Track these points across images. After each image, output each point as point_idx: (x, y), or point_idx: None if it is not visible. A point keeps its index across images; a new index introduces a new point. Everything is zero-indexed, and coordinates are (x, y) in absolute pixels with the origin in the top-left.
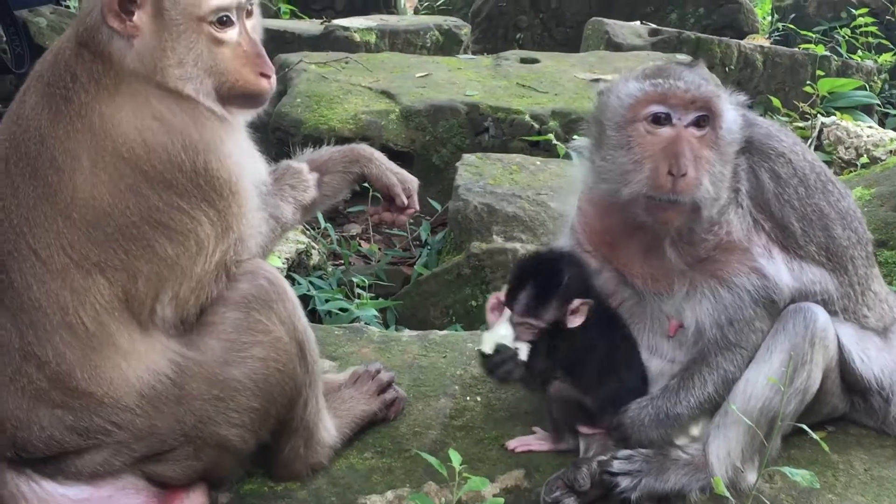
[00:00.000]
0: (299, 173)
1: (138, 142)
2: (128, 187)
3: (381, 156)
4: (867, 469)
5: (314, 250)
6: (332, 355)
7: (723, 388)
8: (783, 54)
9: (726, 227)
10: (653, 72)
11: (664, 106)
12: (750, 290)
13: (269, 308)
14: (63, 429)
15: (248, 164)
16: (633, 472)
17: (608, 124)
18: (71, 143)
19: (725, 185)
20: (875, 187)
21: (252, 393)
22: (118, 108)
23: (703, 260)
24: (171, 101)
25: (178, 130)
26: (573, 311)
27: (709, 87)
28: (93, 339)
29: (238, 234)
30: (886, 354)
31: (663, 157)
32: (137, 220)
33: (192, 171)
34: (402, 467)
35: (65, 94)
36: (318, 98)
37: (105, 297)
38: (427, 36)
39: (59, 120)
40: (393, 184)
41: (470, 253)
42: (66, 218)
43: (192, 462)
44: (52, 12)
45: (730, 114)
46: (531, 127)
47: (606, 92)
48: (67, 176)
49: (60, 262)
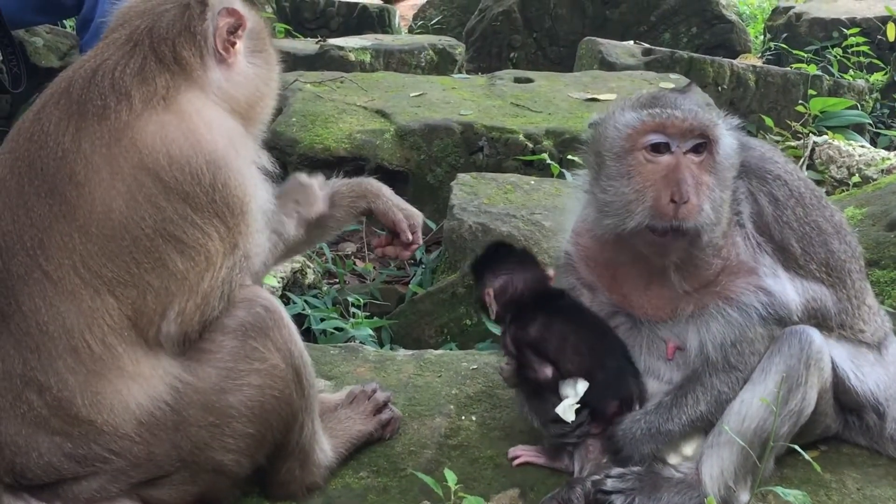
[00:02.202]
0: (309, 188)
1: (163, 152)
2: (145, 198)
3: (388, 191)
4: (860, 488)
5: (309, 269)
6: (327, 375)
7: (716, 407)
8: (775, 74)
9: (733, 249)
10: (648, 101)
11: (662, 135)
12: (758, 308)
13: (265, 336)
14: (61, 456)
15: (259, 190)
16: (627, 490)
17: (607, 155)
18: (95, 157)
19: (726, 209)
20: (866, 207)
21: (248, 419)
22: (154, 123)
23: (709, 283)
24: (219, 120)
25: (205, 146)
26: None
27: (705, 115)
28: (97, 363)
29: (244, 251)
30: (881, 369)
31: (665, 185)
32: (151, 232)
33: (211, 187)
34: (397, 486)
35: (101, 112)
36: (314, 117)
37: (114, 317)
38: (422, 55)
39: (86, 136)
40: (399, 220)
41: (465, 272)
42: (83, 234)
43: (188, 486)
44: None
45: (726, 139)
46: (525, 146)
47: (602, 122)
48: (87, 190)
49: (71, 283)
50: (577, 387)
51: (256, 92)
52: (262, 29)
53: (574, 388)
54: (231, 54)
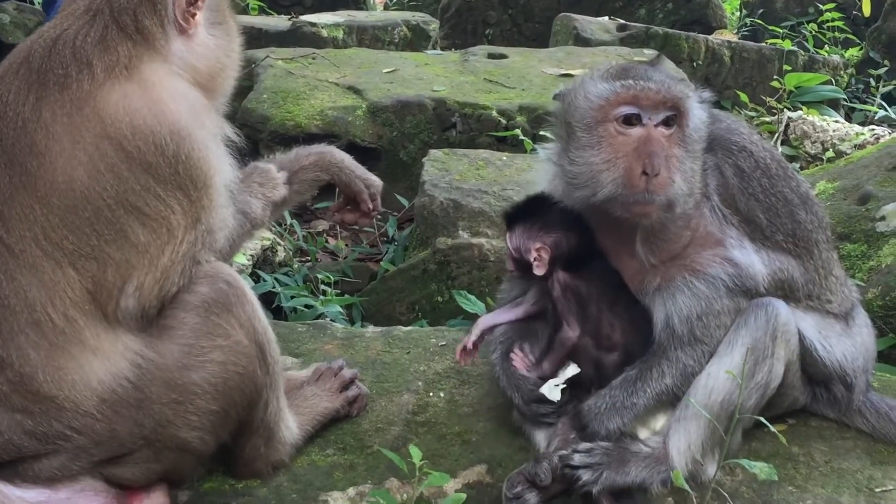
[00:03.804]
0: (267, 171)
1: (126, 122)
2: (107, 167)
3: (349, 161)
4: (827, 461)
5: (280, 247)
6: (295, 352)
7: (681, 381)
8: (750, 49)
9: (701, 221)
10: (620, 72)
11: (635, 107)
12: (725, 279)
13: (228, 312)
14: (22, 434)
15: (223, 164)
16: (594, 465)
17: (577, 125)
18: (56, 126)
19: (696, 180)
20: (838, 181)
21: (212, 396)
22: (116, 93)
23: (676, 256)
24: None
25: (169, 117)
26: (534, 257)
27: (678, 87)
28: (60, 337)
29: (206, 225)
30: (848, 340)
31: (636, 157)
32: (113, 202)
33: (174, 158)
34: (364, 464)
35: (62, 81)
36: (285, 94)
37: (75, 290)
38: (395, 32)
39: (46, 105)
40: (360, 190)
41: (436, 248)
42: (45, 205)
43: (152, 464)
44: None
45: (696, 112)
46: (498, 122)
47: (573, 92)
48: (48, 160)
49: (32, 255)
50: (566, 369)
51: (217, 63)
52: (222, 0)
53: (562, 369)
54: (191, 25)
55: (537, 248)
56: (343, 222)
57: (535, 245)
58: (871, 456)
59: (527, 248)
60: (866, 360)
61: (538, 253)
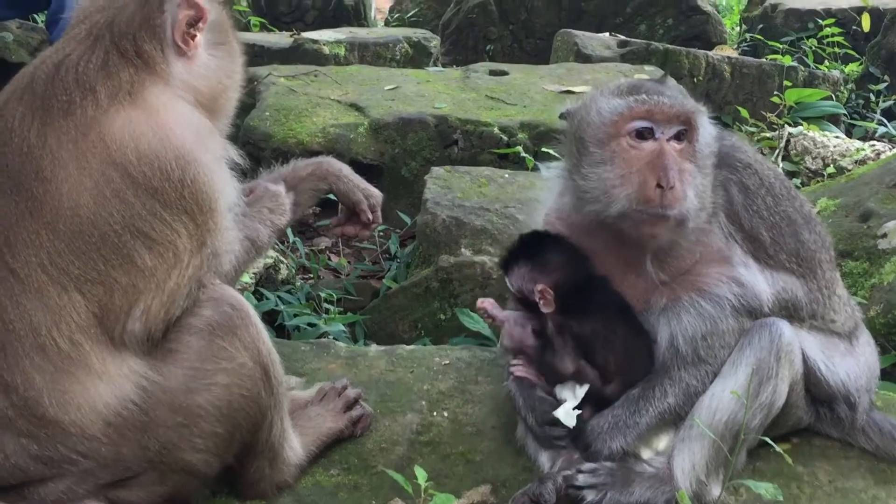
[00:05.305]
0: (277, 196)
1: (131, 147)
2: (113, 193)
3: (348, 171)
4: (831, 480)
5: (283, 264)
6: (298, 371)
7: (685, 400)
8: (751, 65)
9: (711, 237)
10: (632, 88)
11: (648, 121)
12: (731, 299)
13: (232, 335)
14: (28, 458)
15: (227, 187)
16: (599, 485)
17: (590, 141)
18: (62, 152)
19: (708, 196)
20: (840, 198)
21: (216, 419)
22: (122, 118)
23: (684, 273)
24: (187, 115)
25: (174, 142)
26: (539, 297)
27: (690, 102)
28: (65, 361)
29: (212, 249)
30: (851, 359)
31: (650, 171)
32: (119, 227)
33: (180, 182)
34: (368, 484)
35: (66, 107)
36: (287, 111)
37: (81, 314)
38: (397, 48)
39: (51, 132)
40: (359, 200)
41: (438, 266)
42: (51, 230)
43: (157, 487)
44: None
45: (707, 127)
46: (500, 139)
47: (584, 108)
48: (54, 186)
49: (38, 279)
50: (576, 391)
51: (219, 84)
52: (224, 20)
53: (573, 391)
54: (191, 47)
55: (540, 290)
56: (344, 235)
57: (537, 287)
58: (875, 475)
59: (529, 290)
60: (869, 379)
61: (542, 294)
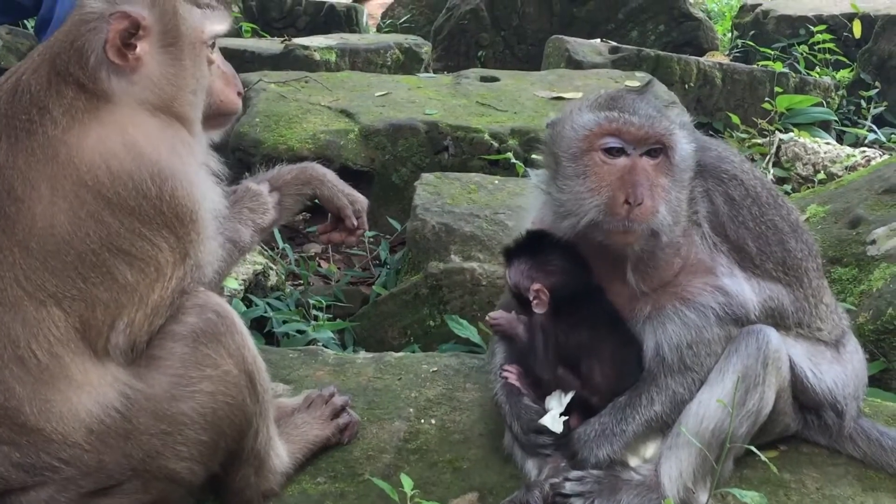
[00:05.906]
0: (259, 196)
1: (103, 169)
2: (88, 214)
3: (333, 176)
4: (819, 488)
5: (272, 271)
6: (286, 378)
7: (671, 408)
8: (742, 71)
9: (692, 248)
10: (606, 102)
11: (618, 139)
12: (715, 308)
13: (217, 342)
14: (9, 466)
15: (209, 194)
16: (586, 493)
17: (563, 155)
18: (32, 173)
19: (683, 209)
20: (829, 204)
21: (201, 427)
22: (87, 138)
23: (666, 283)
24: (156, 127)
25: (148, 158)
26: (534, 296)
27: (661, 123)
28: (45, 373)
29: (195, 260)
30: (838, 367)
31: (620, 186)
32: (97, 247)
33: (158, 198)
34: (354, 492)
35: (28, 126)
36: (278, 118)
37: (60, 328)
38: (388, 55)
39: (19, 151)
40: (344, 206)
41: (428, 273)
42: (23, 249)
43: (141, 495)
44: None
45: (683, 144)
46: (491, 145)
47: (560, 122)
48: (26, 206)
49: (13, 294)
50: (562, 398)
51: (173, 88)
52: (171, 19)
53: (559, 399)
54: (130, 60)
55: (536, 289)
56: (330, 242)
57: (534, 286)
58: (863, 482)
59: (526, 287)
60: (857, 386)
61: (538, 294)
